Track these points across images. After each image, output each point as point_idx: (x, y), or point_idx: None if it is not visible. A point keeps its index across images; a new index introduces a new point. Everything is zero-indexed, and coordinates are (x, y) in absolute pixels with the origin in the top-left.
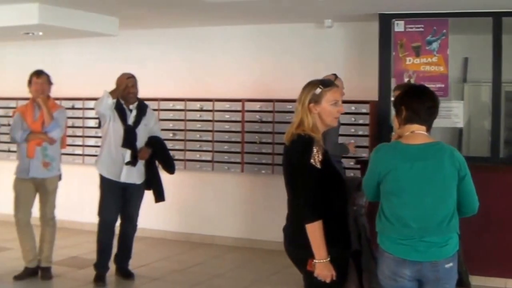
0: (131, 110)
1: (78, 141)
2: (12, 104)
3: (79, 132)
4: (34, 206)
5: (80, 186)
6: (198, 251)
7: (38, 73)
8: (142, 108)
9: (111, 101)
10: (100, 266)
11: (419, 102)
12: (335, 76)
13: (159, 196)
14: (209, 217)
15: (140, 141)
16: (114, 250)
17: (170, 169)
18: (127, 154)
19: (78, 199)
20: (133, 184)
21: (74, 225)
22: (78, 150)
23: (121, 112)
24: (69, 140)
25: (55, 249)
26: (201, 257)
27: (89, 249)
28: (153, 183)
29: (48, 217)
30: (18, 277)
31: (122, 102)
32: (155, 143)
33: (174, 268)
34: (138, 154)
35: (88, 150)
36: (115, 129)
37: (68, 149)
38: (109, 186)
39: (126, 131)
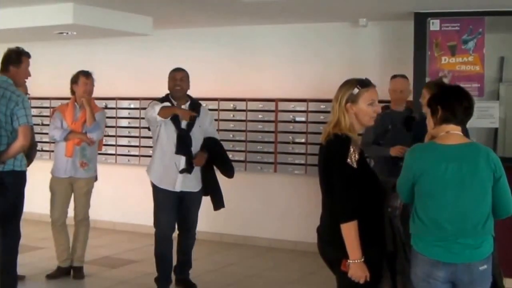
0: None
1: (111, 141)
2: (46, 103)
3: (111, 131)
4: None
5: (113, 186)
6: (231, 252)
7: (87, 74)
8: (195, 108)
9: (159, 119)
10: (162, 279)
11: (457, 102)
12: (398, 75)
13: (218, 203)
14: (241, 217)
15: (196, 145)
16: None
17: (229, 173)
18: (182, 160)
19: (110, 199)
20: (190, 192)
21: (106, 224)
22: (111, 150)
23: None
24: (103, 140)
25: (88, 248)
26: (234, 257)
27: (121, 249)
28: (211, 189)
29: (82, 217)
30: (50, 276)
31: (174, 103)
32: (211, 145)
33: (208, 269)
34: (194, 160)
35: (121, 150)
36: (167, 134)
37: (102, 149)
38: (164, 196)
39: (180, 136)
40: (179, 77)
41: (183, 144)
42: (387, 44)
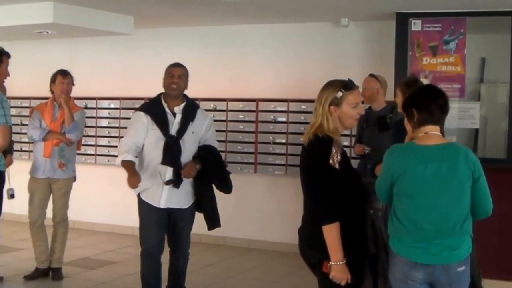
0: (175, 114)
1: (91, 141)
2: (25, 103)
3: (91, 132)
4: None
5: (92, 187)
6: (210, 253)
7: (64, 73)
8: (190, 111)
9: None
10: None
11: (432, 101)
12: (369, 75)
13: (213, 223)
14: (221, 218)
15: (187, 154)
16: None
17: (226, 189)
18: (168, 171)
19: (90, 199)
20: (179, 209)
21: (86, 225)
22: (91, 150)
23: (161, 117)
24: (82, 140)
25: (66, 249)
26: (213, 258)
27: (100, 250)
28: (206, 206)
29: (60, 218)
30: (28, 277)
31: (165, 104)
32: (206, 155)
33: (188, 269)
34: (182, 171)
35: (101, 150)
36: (153, 140)
37: (81, 149)
38: (149, 211)
39: (167, 144)
40: (177, 74)
41: (170, 154)
42: (369, 44)
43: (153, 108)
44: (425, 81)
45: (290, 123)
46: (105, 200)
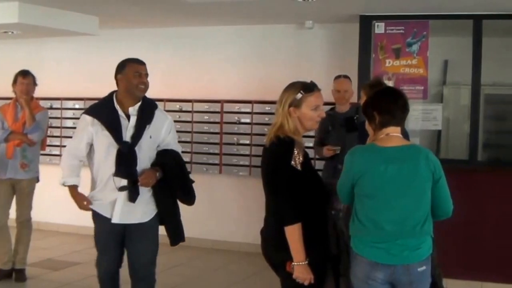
0: (129, 117)
1: (56, 142)
2: None
3: (56, 132)
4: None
5: (57, 188)
6: (176, 253)
7: (24, 73)
8: (146, 112)
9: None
10: None
11: (392, 102)
12: (341, 76)
13: (175, 238)
14: (186, 218)
15: (144, 163)
16: None
17: (188, 200)
18: (124, 183)
19: (54, 200)
20: (138, 224)
21: (50, 226)
22: (56, 151)
23: (112, 121)
24: (47, 140)
25: (30, 250)
26: (179, 259)
27: (64, 251)
28: (168, 219)
29: (24, 219)
30: None
31: (117, 106)
32: (167, 162)
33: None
34: (140, 178)
35: None
36: (104, 148)
37: (45, 150)
38: (102, 225)
39: (120, 152)
40: (144, 72)
41: (124, 164)
42: (333, 46)
43: (103, 110)
44: (388, 83)
45: (254, 124)
46: (70, 201)
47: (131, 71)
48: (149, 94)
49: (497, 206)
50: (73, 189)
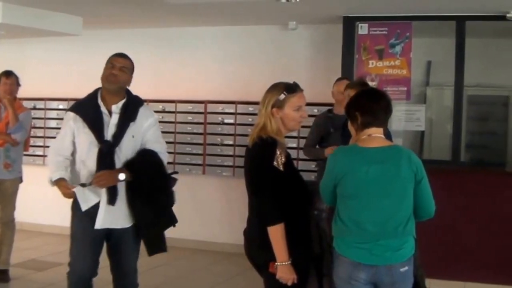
0: (111, 114)
1: (39, 142)
2: None
3: (40, 132)
4: None
5: (40, 188)
6: (158, 254)
7: (8, 74)
8: (130, 109)
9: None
10: None
11: (375, 103)
12: (344, 78)
13: (152, 247)
14: None
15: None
16: None
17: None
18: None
19: (37, 201)
20: (120, 229)
21: (33, 227)
22: (39, 151)
23: (94, 118)
24: (30, 141)
25: (14, 251)
26: (162, 259)
27: (48, 252)
28: (143, 227)
29: (7, 219)
30: None
31: (101, 103)
32: (135, 160)
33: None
34: (94, 179)
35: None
36: (85, 146)
37: (29, 150)
38: (82, 228)
39: (101, 152)
40: (119, 65)
41: (105, 164)
42: (316, 47)
43: (86, 106)
44: (371, 84)
45: (238, 125)
46: (53, 202)
47: (107, 63)
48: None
49: (480, 207)
50: (61, 181)
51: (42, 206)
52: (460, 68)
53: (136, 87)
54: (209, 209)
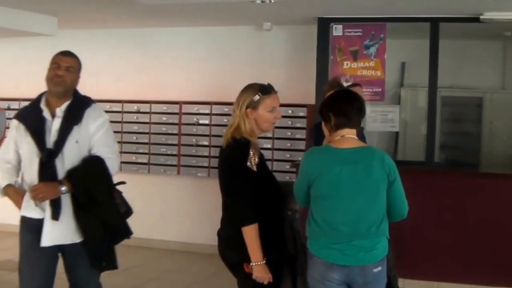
0: (54, 118)
1: None
2: None
3: None
4: None
5: None
6: (135, 254)
7: None
8: (74, 111)
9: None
10: None
11: (348, 105)
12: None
13: (100, 263)
14: (145, 220)
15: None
16: None
17: (116, 222)
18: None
19: (11, 201)
20: (71, 245)
21: (8, 227)
22: None
23: (35, 125)
24: (4, 142)
25: None
26: (137, 260)
27: None
28: (89, 240)
29: None
30: None
31: (44, 107)
32: (83, 171)
33: (112, 271)
34: (31, 192)
35: None
36: (27, 156)
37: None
38: (31, 242)
39: (41, 162)
40: (65, 65)
41: (46, 175)
42: (291, 48)
43: (28, 112)
44: (346, 85)
45: (213, 126)
46: None
47: (51, 63)
48: (108, 95)
49: (453, 207)
50: (8, 188)
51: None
52: (434, 69)
53: (111, 88)
54: (184, 210)
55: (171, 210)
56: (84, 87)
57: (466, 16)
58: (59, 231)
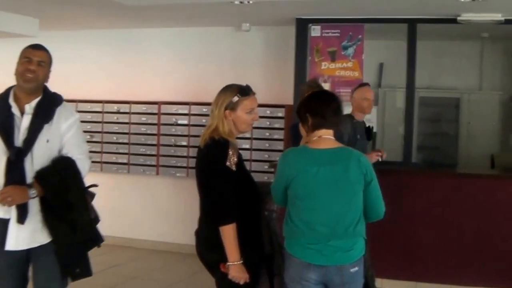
0: (23, 114)
1: None
2: None
3: None
4: None
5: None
6: (116, 254)
7: None
8: (44, 108)
9: None
10: None
11: (325, 105)
12: (366, 84)
13: (74, 271)
14: (125, 219)
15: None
16: None
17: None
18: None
19: None
20: (38, 248)
21: None
22: None
23: (4, 121)
24: None
25: None
26: (118, 259)
27: None
28: (60, 247)
29: None
30: None
31: (12, 103)
32: (53, 174)
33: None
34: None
35: None
36: None
37: None
38: None
39: (9, 161)
40: (36, 59)
41: (13, 175)
42: (270, 48)
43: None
44: (324, 86)
45: (192, 126)
46: None
47: (21, 57)
48: (88, 95)
49: (431, 207)
50: None
51: None
52: (411, 70)
53: (91, 88)
54: (163, 210)
55: (151, 210)
56: (67, 87)
57: (443, 17)
58: (25, 235)
